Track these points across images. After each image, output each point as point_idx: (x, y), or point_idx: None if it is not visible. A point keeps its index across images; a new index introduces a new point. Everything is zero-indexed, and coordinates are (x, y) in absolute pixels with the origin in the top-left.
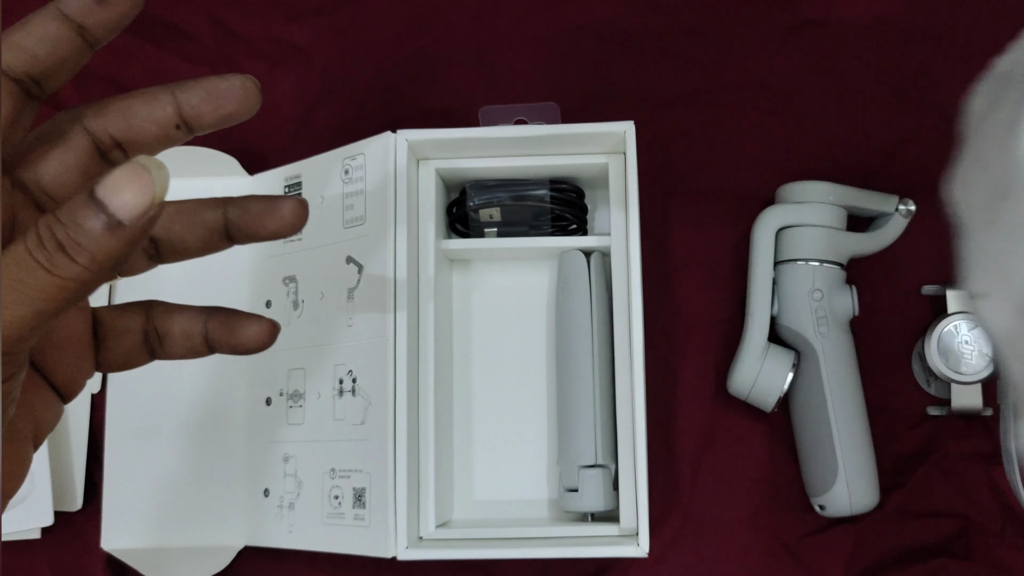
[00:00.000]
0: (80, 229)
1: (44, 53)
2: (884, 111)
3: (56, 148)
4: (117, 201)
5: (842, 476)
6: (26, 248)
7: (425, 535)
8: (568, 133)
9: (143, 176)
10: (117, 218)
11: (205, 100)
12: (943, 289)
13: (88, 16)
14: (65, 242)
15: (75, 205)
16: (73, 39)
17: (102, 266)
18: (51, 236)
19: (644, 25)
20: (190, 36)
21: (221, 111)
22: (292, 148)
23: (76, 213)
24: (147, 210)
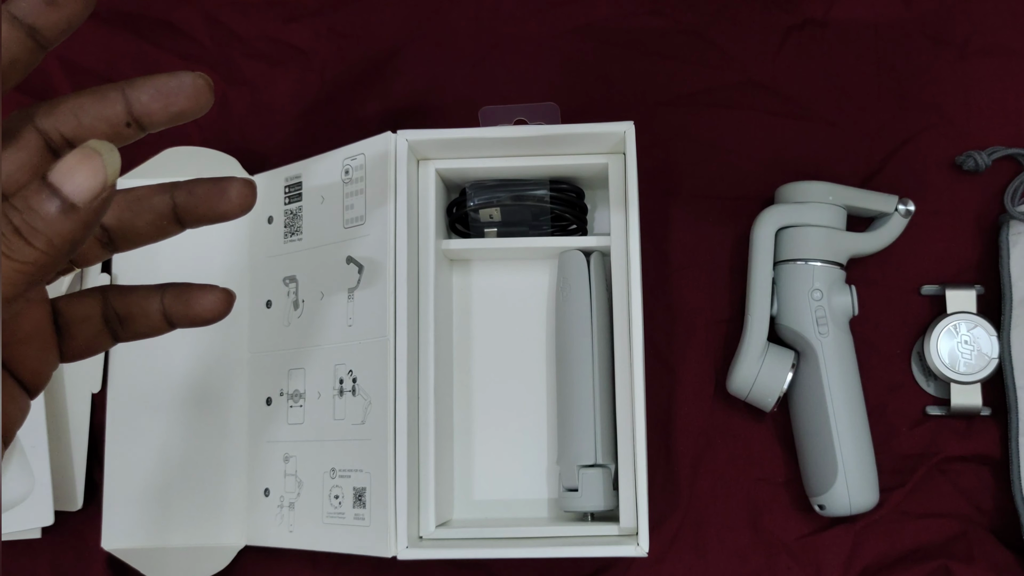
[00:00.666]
0: (35, 214)
1: None
2: (884, 111)
3: (8, 147)
4: (70, 184)
5: (842, 476)
6: None
7: (425, 535)
8: (568, 133)
9: (94, 159)
10: (71, 201)
11: (155, 98)
12: (942, 289)
13: (39, 18)
14: (21, 227)
15: (29, 191)
16: (24, 40)
17: (59, 249)
18: (7, 222)
19: (644, 26)
20: (189, 36)
21: (171, 108)
22: (292, 148)
23: (31, 198)
24: (100, 192)
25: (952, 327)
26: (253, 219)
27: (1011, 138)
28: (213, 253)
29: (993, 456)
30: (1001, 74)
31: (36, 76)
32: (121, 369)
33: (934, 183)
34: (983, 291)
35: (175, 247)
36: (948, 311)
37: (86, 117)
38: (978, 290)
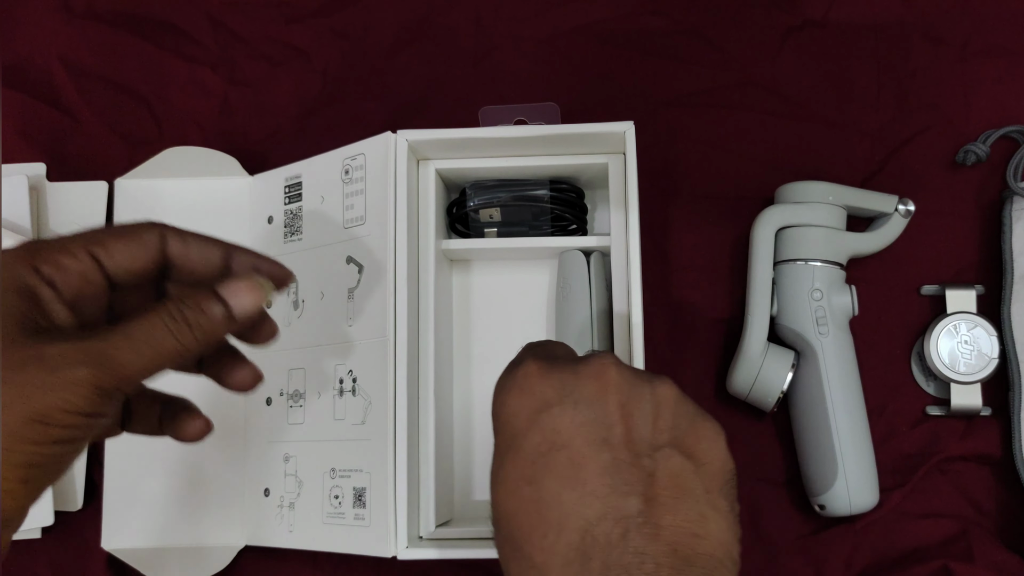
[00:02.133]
0: (203, 315)
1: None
2: (883, 111)
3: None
4: (236, 301)
5: (842, 476)
6: (162, 319)
7: (425, 534)
8: (568, 133)
9: (259, 290)
10: (233, 313)
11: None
12: (942, 289)
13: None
14: (191, 321)
15: (203, 296)
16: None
17: (207, 343)
18: (181, 315)
19: (644, 26)
20: (191, 37)
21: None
22: (292, 148)
23: (203, 302)
24: (254, 314)
25: (952, 327)
26: (253, 219)
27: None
28: None
29: (993, 456)
30: (1000, 75)
31: (38, 76)
32: None
33: (934, 183)
34: (983, 291)
35: None
36: (948, 311)
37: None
38: (978, 290)
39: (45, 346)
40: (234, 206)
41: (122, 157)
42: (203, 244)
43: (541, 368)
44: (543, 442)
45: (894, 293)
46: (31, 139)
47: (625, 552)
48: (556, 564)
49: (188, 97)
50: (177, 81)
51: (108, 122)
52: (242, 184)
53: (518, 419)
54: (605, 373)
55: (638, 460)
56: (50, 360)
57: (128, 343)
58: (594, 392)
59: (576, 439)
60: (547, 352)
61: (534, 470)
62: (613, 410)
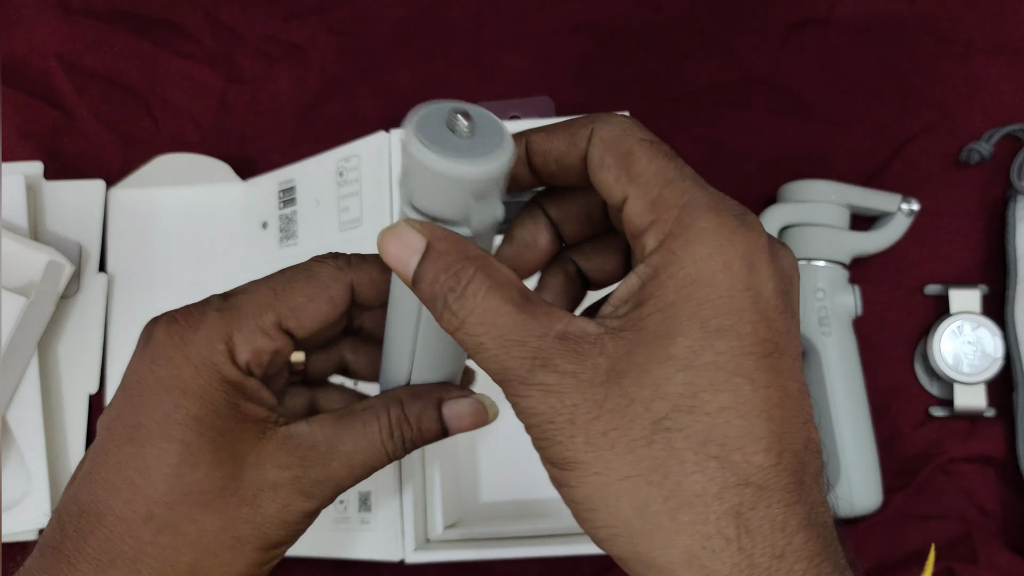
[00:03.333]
0: (421, 435)
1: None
2: (887, 110)
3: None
4: (457, 424)
5: (844, 477)
6: (380, 439)
7: (432, 537)
8: None
9: (483, 414)
10: (449, 432)
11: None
12: (946, 289)
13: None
14: (407, 439)
15: (424, 414)
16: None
17: (409, 452)
18: (400, 434)
19: (645, 23)
20: (189, 35)
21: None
22: (291, 146)
23: (424, 422)
24: (468, 431)
25: (956, 327)
26: (247, 225)
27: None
28: (208, 262)
29: (997, 457)
30: (1005, 72)
31: (35, 74)
32: (119, 371)
33: (937, 182)
34: (987, 291)
35: (172, 256)
36: (952, 311)
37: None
38: (982, 290)
39: (273, 473)
40: (227, 212)
41: (119, 155)
42: (378, 268)
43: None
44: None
45: (897, 293)
46: (28, 137)
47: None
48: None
49: (185, 95)
50: (174, 79)
51: (105, 120)
52: (235, 190)
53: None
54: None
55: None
56: (283, 495)
57: (347, 469)
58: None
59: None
60: None
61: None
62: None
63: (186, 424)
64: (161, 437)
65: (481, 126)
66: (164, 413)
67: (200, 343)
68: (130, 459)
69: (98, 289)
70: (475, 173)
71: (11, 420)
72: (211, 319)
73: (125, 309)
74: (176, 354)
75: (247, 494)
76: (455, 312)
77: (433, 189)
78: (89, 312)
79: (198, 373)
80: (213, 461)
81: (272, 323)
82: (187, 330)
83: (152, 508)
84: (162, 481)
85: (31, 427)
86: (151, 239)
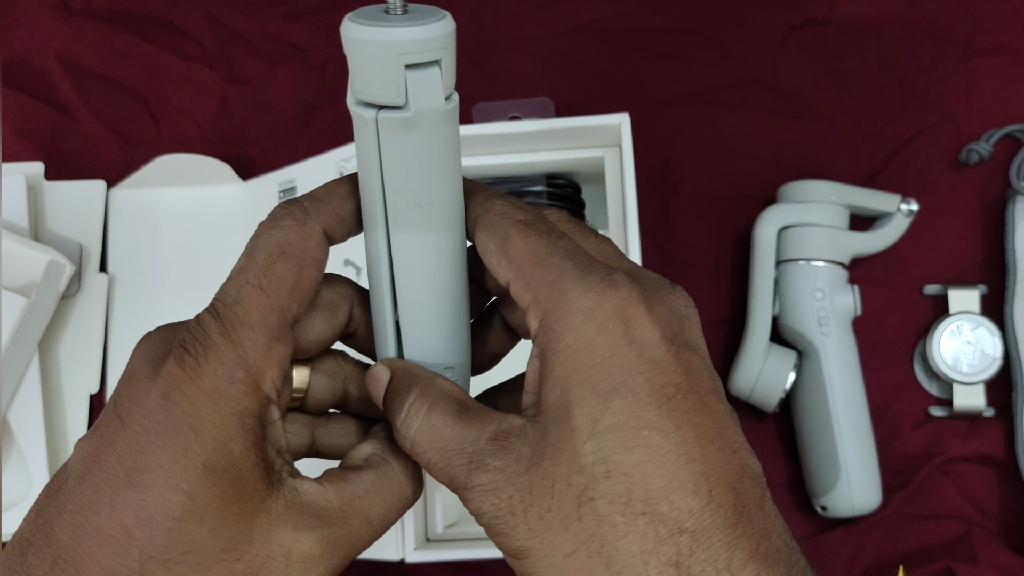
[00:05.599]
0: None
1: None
2: (886, 110)
3: (329, 318)
4: None
5: (844, 477)
6: (398, 490)
7: (433, 536)
8: (563, 127)
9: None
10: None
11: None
12: (945, 289)
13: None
14: (421, 477)
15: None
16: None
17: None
18: (419, 475)
19: (645, 24)
20: (189, 35)
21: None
22: (291, 146)
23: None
24: None
25: (955, 327)
26: (248, 225)
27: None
28: (209, 262)
29: (996, 457)
30: (1003, 73)
31: (36, 75)
32: (120, 370)
33: (937, 183)
34: (986, 291)
35: (172, 256)
36: (951, 311)
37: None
38: (981, 290)
39: (284, 537)
40: (228, 213)
41: (120, 156)
42: (338, 199)
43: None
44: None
45: (897, 293)
46: (29, 138)
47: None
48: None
49: (186, 95)
50: (175, 79)
51: (106, 121)
52: (235, 191)
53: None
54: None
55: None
56: (295, 562)
57: (368, 526)
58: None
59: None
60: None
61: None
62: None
63: (195, 472)
64: (167, 486)
65: (417, 9)
66: (172, 458)
67: (216, 374)
68: (128, 505)
69: (99, 289)
70: (398, 35)
71: (12, 420)
72: (217, 343)
73: (126, 309)
74: (191, 390)
75: (255, 561)
76: (404, 434)
77: (367, 66)
78: (90, 312)
79: (216, 411)
80: (221, 518)
81: (279, 324)
82: (198, 360)
83: (145, 565)
84: (163, 535)
85: (32, 427)
86: (152, 239)
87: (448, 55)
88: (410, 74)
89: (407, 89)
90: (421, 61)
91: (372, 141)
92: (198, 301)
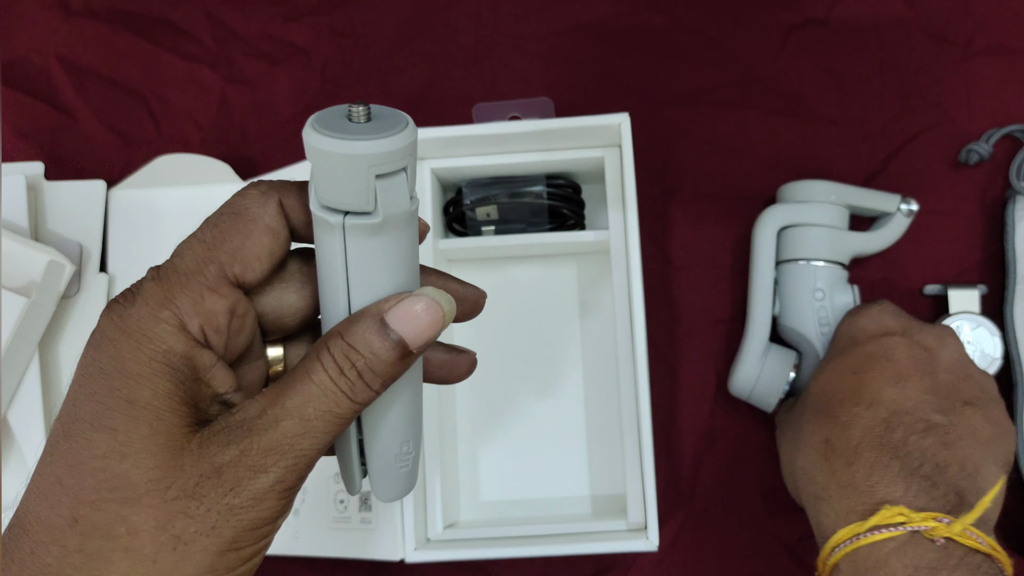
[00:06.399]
0: (376, 358)
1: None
2: (886, 110)
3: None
4: (412, 333)
5: None
6: (329, 378)
7: (433, 536)
8: (563, 127)
9: (437, 311)
10: (410, 348)
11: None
12: (945, 289)
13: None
14: (362, 369)
15: (369, 333)
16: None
17: (384, 390)
18: (351, 365)
19: (645, 23)
20: (189, 35)
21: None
22: (291, 147)
23: (372, 342)
24: (433, 339)
25: (955, 327)
26: None
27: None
28: None
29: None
30: (1003, 74)
31: (35, 75)
32: None
33: (937, 183)
34: (986, 291)
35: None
36: (951, 311)
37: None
38: (981, 290)
39: (216, 454)
40: None
41: (120, 156)
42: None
43: (895, 310)
44: (877, 351)
45: (896, 293)
46: (28, 138)
47: (923, 440)
48: (859, 425)
49: (186, 95)
50: (175, 79)
51: (106, 121)
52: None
53: (862, 333)
54: (947, 336)
55: (950, 403)
56: (229, 476)
57: (303, 425)
58: (933, 342)
59: (905, 361)
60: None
61: (862, 364)
62: (944, 359)
63: (118, 409)
64: (92, 426)
65: (379, 114)
66: (99, 400)
67: (140, 316)
68: (61, 456)
69: (99, 289)
70: (367, 148)
71: (12, 419)
72: (148, 289)
73: None
74: (116, 334)
75: (187, 484)
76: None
77: (335, 176)
78: (90, 312)
79: (139, 349)
80: (144, 449)
81: (216, 275)
82: (125, 306)
83: (78, 509)
84: (89, 476)
85: (32, 427)
86: (152, 239)
87: (413, 160)
88: (379, 183)
89: (376, 197)
90: (390, 171)
91: (338, 243)
92: None
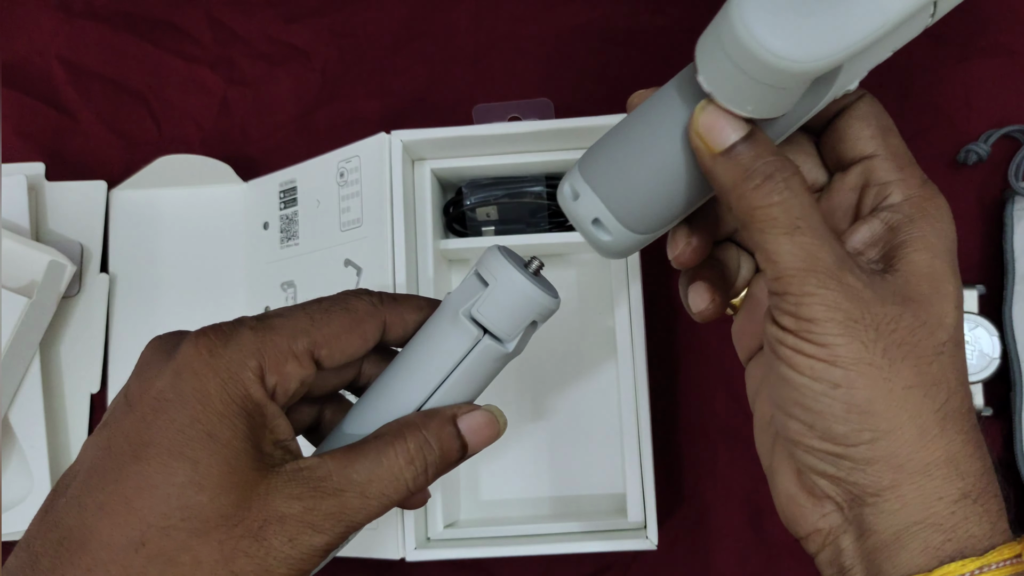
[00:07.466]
0: (443, 456)
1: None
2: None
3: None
4: (475, 438)
5: None
6: (399, 464)
7: (433, 535)
8: (562, 128)
9: (495, 424)
10: (469, 452)
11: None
12: None
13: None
14: (430, 463)
15: (444, 433)
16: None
17: (434, 481)
18: (422, 457)
19: (645, 25)
20: (190, 36)
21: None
22: (292, 148)
23: (445, 441)
24: (484, 447)
25: None
26: (249, 226)
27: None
28: (210, 262)
29: (995, 456)
30: (1002, 75)
31: (37, 76)
32: (121, 370)
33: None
34: (984, 291)
35: (173, 256)
36: None
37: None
38: (979, 290)
39: (282, 504)
40: (229, 213)
41: (121, 156)
42: (410, 310)
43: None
44: None
45: None
46: (29, 138)
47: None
48: None
49: (187, 96)
50: (176, 80)
51: (107, 121)
52: (236, 191)
53: None
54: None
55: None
56: (291, 527)
57: (363, 502)
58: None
59: None
60: None
61: None
62: None
63: (199, 441)
64: (170, 454)
65: (542, 274)
66: (178, 429)
67: (231, 358)
68: (131, 477)
69: (100, 289)
70: (544, 300)
71: (13, 420)
72: (244, 336)
73: (127, 309)
74: (203, 367)
75: (252, 525)
76: (780, 189)
77: (509, 305)
78: (91, 312)
79: (224, 388)
80: (221, 485)
81: (305, 349)
82: (218, 343)
83: (146, 533)
84: (162, 502)
85: (33, 427)
86: (153, 239)
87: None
88: (528, 327)
89: (520, 337)
90: (539, 323)
91: (460, 350)
92: (199, 301)
